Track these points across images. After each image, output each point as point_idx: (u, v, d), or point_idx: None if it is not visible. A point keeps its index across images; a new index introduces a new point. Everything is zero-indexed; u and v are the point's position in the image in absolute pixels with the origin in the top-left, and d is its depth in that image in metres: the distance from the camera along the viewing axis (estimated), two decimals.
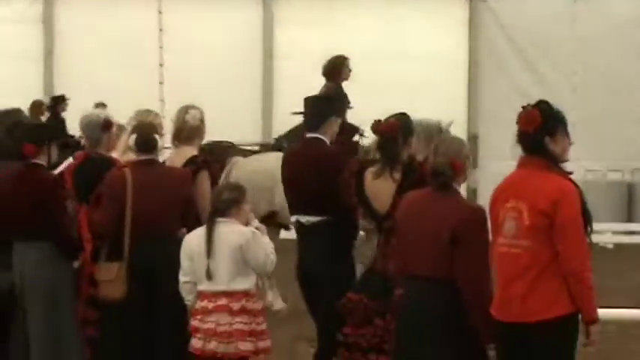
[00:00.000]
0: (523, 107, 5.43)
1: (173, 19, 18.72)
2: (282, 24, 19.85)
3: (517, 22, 20.47)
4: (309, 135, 7.45)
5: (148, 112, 7.83)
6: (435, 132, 7.53)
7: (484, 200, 6.07)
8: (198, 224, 6.63)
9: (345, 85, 11.06)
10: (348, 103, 10.66)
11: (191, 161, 7.12)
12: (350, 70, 11.17)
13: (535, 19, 20.07)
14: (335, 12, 19.76)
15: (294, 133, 10.50)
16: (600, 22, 19.38)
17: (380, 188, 6.56)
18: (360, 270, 7.03)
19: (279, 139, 11.36)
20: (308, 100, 7.65)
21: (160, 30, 18.56)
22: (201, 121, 7.37)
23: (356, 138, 10.34)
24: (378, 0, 20.04)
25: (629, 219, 17.87)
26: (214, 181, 7.26)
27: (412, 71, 18.47)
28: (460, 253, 5.50)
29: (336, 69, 11.04)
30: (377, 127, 6.77)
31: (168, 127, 7.59)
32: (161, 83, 17.85)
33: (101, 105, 13.50)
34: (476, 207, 5.79)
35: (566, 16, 19.90)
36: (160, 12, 18.54)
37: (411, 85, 17.93)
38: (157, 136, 7.07)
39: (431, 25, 20.29)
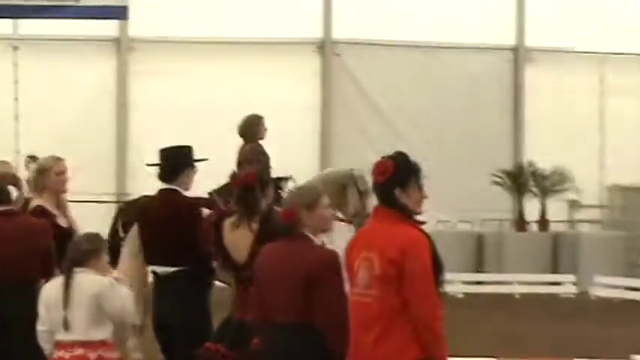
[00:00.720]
0: (382, 157, 5.49)
1: (28, 70, 18.68)
2: (137, 74, 19.77)
3: (370, 74, 21.00)
4: (164, 187, 7.50)
5: (2, 162, 7.80)
6: (347, 181, 7.66)
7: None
8: None
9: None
10: (268, 160, 10.81)
11: (33, 211, 7.17)
12: (266, 129, 11.32)
13: (389, 72, 20.66)
14: (190, 63, 19.82)
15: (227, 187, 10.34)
16: (453, 77, 20.08)
17: (238, 238, 6.66)
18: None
19: (211, 194, 11.27)
20: (163, 152, 7.67)
21: (16, 82, 18.47)
22: (40, 172, 7.40)
23: (289, 185, 10.35)
24: (234, 51, 20.26)
25: (479, 268, 18.44)
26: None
27: (266, 121, 18.70)
28: (316, 297, 5.62)
29: (252, 128, 11.18)
30: (235, 178, 6.88)
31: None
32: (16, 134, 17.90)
33: None
34: (328, 251, 5.92)
35: (420, 69, 20.55)
36: (15, 64, 18.50)
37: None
38: (11, 187, 7.02)
39: (285, 76, 20.59)
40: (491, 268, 18.43)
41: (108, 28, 19.74)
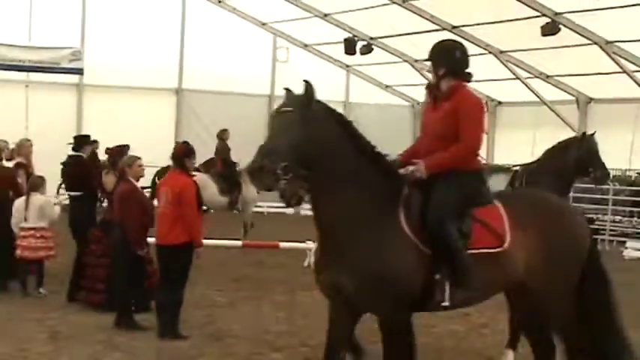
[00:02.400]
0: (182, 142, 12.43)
1: None
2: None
3: (212, 114, 28.59)
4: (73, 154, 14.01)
5: None
6: None
7: None
8: None
9: None
10: None
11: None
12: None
13: (233, 114, 28.27)
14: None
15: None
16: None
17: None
18: None
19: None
20: (75, 138, 14.45)
21: None
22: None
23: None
24: (120, 93, 27.78)
25: None
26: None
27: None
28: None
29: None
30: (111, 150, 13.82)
31: None
32: None
33: None
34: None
35: (260, 112, 27.85)
36: None
37: None
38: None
39: (150, 113, 28.69)
40: None
41: None
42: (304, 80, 6.99)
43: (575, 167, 15.18)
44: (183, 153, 10.99)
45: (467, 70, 7.42)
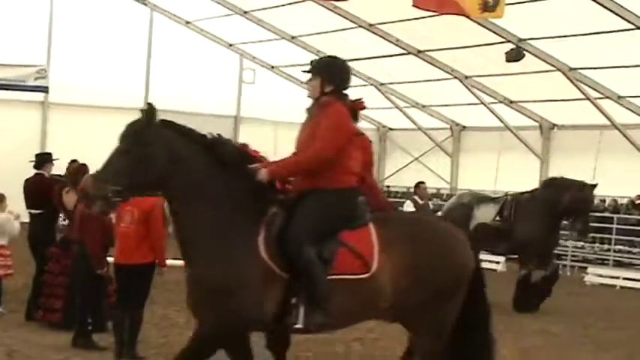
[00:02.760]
0: None
1: None
2: None
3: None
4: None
5: None
6: None
7: None
8: None
9: None
10: None
11: None
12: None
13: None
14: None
15: None
16: None
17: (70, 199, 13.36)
18: None
19: None
20: (37, 155, 14.37)
21: None
22: None
23: None
24: (89, 113, 27.58)
25: None
26: None
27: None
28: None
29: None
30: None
31: None
32: None
33: None
34: None
35: (226, 133, 27.73)
36: None
37: None
38: None
39: (108, 133, 28.30)
40: None
41: None
42: (147, 103, 7.08)
43: (564, 210, 15.28)
44: None
45: (345, 88, 7.31)
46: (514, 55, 22.85)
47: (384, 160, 35.03)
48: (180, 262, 7.12)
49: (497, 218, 15.84)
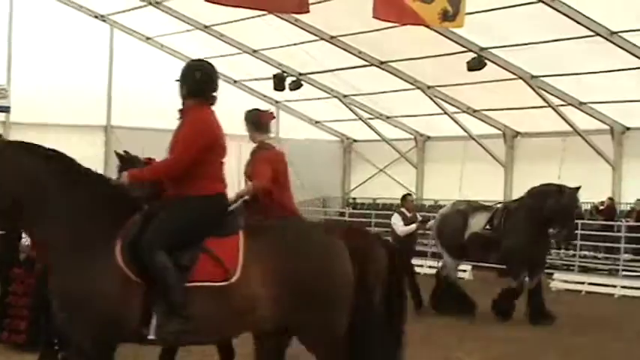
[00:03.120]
0: None
1: None
2: None
3: (146, 154, 28.38)
4: None
5: None
6: None
7: None
8: None
9: None
10: None
11: None
12: None
13: (164, 151, 27.94)
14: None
15: None
16: None
17: None
18: None
19: None
20: None
21: None
22: None
23: None
24: (53, 131, 27.29)
25: None
26: None
27: None
28: None
29: None
30: None
31: None
32: None
33: None
34: None
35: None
36: None
37: None
38: None
39: (84, 149, 28.45)
40: None
41: None
42: None
43: (548, 217, 15.12)
44: None
45: (212, 93, 7.27)
46: (476, 64, 22.98)
47: (349, 172, 35.09)
48: None
49: (488, 227, 15.68)
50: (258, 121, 9.43)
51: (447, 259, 16.41)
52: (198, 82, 7.20)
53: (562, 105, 24.79)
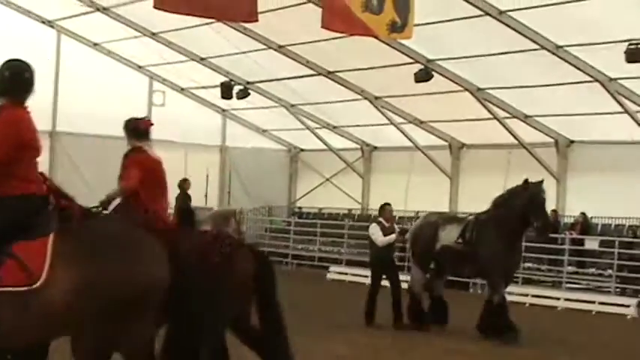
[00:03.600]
0: None
1: None
2: None
3: (91, 161, 28.27)
4: None
5: None
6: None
7: None
8: None
9: None
10: None
11: None
12: None
13: (109, 158, 27.28)
14: None
15: None
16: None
17: None
18: None
19: None
20: None
21: None
22: None
23: None
24: None
25: None
26: None
27: None
28: None
29: None
30: None
31: None
32: None
33: None
34: None
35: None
36: None
37: None
38: None
39: None
40: None
41: None
42: None
43: (520, 217, 14.87)
44: None
45: (23, 92, 7.10)
46: (423, 76, 23.08)
47: (296, 181, 35.05)
48: None
49: (460, 240, 15.41)
50: (136, 128, 9.63)
51: (417, 273, 16.13)
52: (7, 81, 7.07)
53: (508, 117, 25.00)
